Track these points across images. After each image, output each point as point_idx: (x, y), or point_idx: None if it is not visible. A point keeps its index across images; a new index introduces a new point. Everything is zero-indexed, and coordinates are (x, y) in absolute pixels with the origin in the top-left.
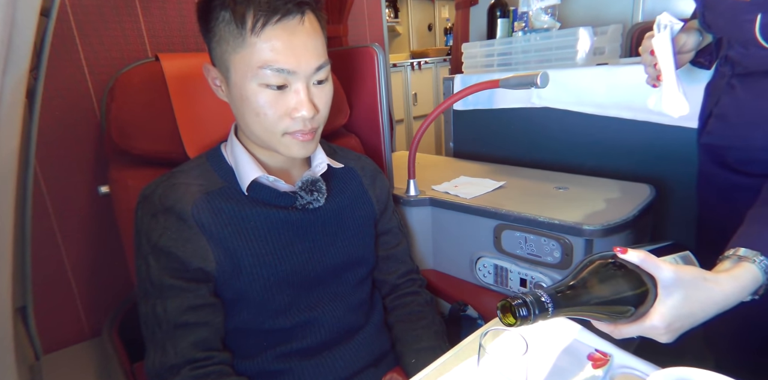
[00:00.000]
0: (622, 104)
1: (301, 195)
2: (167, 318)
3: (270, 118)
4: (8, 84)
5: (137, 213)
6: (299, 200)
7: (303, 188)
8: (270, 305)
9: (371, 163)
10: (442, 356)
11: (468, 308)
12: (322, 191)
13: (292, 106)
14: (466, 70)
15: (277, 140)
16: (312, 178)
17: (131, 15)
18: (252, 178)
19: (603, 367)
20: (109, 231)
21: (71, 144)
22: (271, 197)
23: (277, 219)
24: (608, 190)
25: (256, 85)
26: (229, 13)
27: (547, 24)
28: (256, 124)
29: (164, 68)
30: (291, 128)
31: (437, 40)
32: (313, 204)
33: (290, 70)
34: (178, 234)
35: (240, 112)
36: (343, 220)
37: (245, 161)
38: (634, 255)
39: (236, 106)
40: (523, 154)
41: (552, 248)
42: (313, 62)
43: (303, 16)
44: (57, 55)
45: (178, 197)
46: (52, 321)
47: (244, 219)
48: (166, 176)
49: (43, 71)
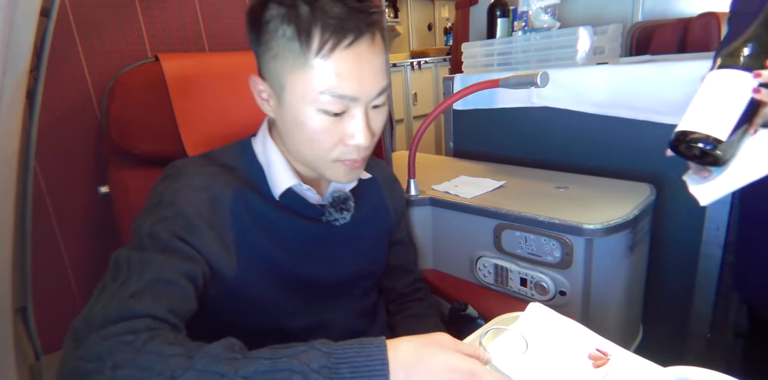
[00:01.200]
0: (623, 103)
1: (329, 211)
2: (156, 271)
3: (324, 144)
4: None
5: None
6: (326, 215)
7: (333, 205)
8: (279, 306)
9: (387, 169)
10: None
11: (468, 308)
12: (350, 209)
13: (349, 133)
14: (466, 70)
15: (325, 166)
16: (343, 195)
17: (131, 15)
18: (287, 186)
19: (603, 366)
20: (109, 231)
21: (71, 144)
22: (300, 206)
23: (302, 229)
24: (608, 190)
25: (314, 110)
26: (292, 30)
27: (547, 23)
28: (307, 149)
29: (164, 68)
30: (344, 156)
31: (437, 39)
32: (339, 221)
33: (353, 97)
34: (210, 213)
35: (291, 132)
36: (362, 234)
37: (280, 166)
38: None
39: (287, 126)
40: (524, 154)
41: (552, 248)
42: (376, 86)
43: (374, 37)
44: (57, 55)
45: (215, 181)
46: (53, 321)
47: (273, 221)
48: (201, 158)
49: (43, 71)
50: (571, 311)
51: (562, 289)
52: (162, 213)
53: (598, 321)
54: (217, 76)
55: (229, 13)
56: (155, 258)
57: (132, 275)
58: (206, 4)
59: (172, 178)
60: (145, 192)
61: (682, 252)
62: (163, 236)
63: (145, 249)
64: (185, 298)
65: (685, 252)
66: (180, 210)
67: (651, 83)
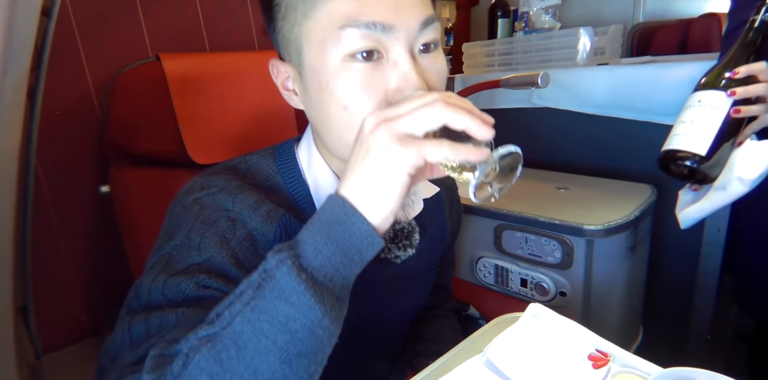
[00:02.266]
0: (623, 104)
1: (389, 247)
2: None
3: (362, 108)
4: (9, 83)
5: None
6: (386, 252)
7: (395, 241)
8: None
9: (451, 180)
10: (443, 356)
11: (469, 308)
12: (414, 245)
13: (393, 86)
14: (467, 70)
15: None
16: (408, 228)
17: (132, 15)
18: None
19: (603, 367)
20: (110, 231)
21: (72, 143)
22: None
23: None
24: (609, 190)
25: (339, 60)
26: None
27: (548, 24)
28: (342, 125)
29: (165, 68)
30: None
31: None
32: (401, 258)
33: (384, 24)
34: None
35: (319, 114)
36: (420, 266)
37: (330, 187)
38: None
39: (314, 107)
40: (524, 154)
41: (553, 248)
42: (418, 14)
43: None
44: (57, 54)
45: (257, 207)
46: (53, 320)
47: None
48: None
49: (43, 71)
50: (572, 312)
51: (562, 290)
52: (188, 260)
53: (599, 321)
54: (218, 75)
55: (229, 13)
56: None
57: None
58: (207, 4)
59: (198, 205)
60: (146, 192)
61: (682, 254)
62: (184, 288)
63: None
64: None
65: (685, 254)
66: (212, 256)
67: (652, 84)
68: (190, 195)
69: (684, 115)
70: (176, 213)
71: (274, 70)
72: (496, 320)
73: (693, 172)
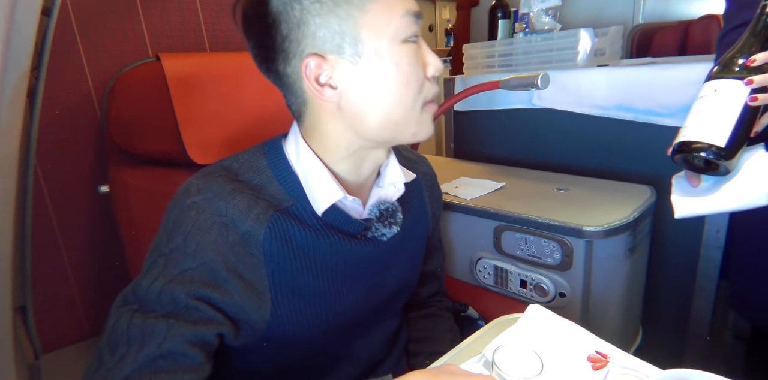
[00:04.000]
0: (623, 105)
1: (376, 226)
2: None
3: (416, 85)
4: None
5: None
6: (373, 231)
7: (381, 219)
8: (312, 346)
9: (430, 167)
10: (442, 357)
11: (469, 309)
12: (399, 223)
13: (428, 61)
14: (467, 71)
15: (417, 117)
16: (392, 208)
17: (132, 15)
18: (332, 201)
19: (603, 369)
20: (109, 231)
21: (71, 143)
22: (343, 224)
23: (347, 250)
24: (609, 191)
25: (401, 43)
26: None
27: (548, 25)
28: (399, 102)
29: (165, 68)
30: (431, 92)
31: (438, 40)
32: (387, 236)
33: (420, 14)
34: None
35: (375, 97)
36: (404, 246)
37: (323, 177)
38: None
39: (370, 91)
40: (524, 155)
41: (552, 249)
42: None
43: None
44: (57, 54)
45: (248, 211)
46: (52, 320)
47: (315, 250)
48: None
49: (43, 70)
50: (571, 313)
51: (561, 291)
52: (183, 265)
53: (598, 323)
54: (218, 75)
55: (230, 13)
56: (159, 327)
57: (130, 350)
58: (207, 4)
59: (195, 210)
60: (145, 192)
61: (681, 255)
62: (177, 297)
63: (149, 314)
64: (192, 370)
65: (684, 255)
66: (204, 261)
67: (651, 85)
68: (187, 198)
69: (698, 105)
70: (174, 215)
71: (311, 67)
72: (495, 321)
73: (707, 163)
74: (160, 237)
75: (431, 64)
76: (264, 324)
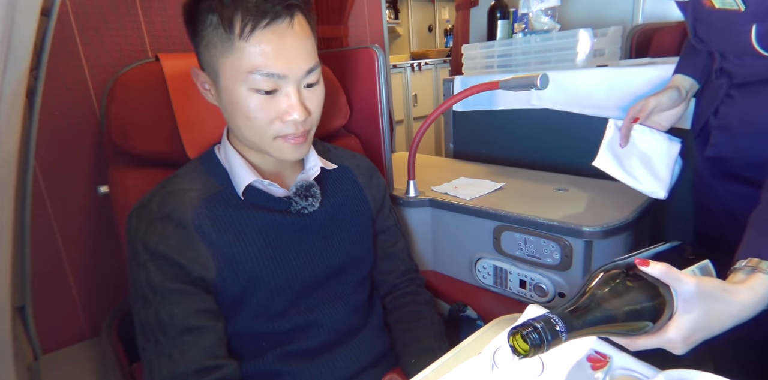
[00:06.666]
0: (622, 106)
1: (295, 200)
2: (173, 323)
3: (261, 121)
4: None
5: (131, 221)
6: (294, 205)
7: (297, 194)
8: (270, 308)
9: (366, 161)
10: (442, 357)
11: (467, 309)
12: (316, 196)
13: (284, 110)
14: (466, 72)
15: (268, 144)
16: (306, 183)
17: (131, 15)
18: (247, 183)
19: (602, 369)
20: (109, 231)
21: (71, 144)
22: (267, 201)
23: (274, 223)
24: (608, 192)
25: (246, 90)
26: (217, 17)
27: (547, 25)
28: (247, 129)
29: (164, 68)
30: (282, 132)
31: (437, 41)
32: (308, 209)
33: (280, 74)
34: (177, 241)
35: (231, 116)
36: (339, 221)
37: (239, 165)
38: (656, 268)
39: (226, 110)
40: (523, 156)
41: (552, 249)
42: (303, 65)
43: (292, 19)
44: (57, 54)
45: (177, 204)
46: (51, 320)
47: (242, 224)
48: (161, 184)
49: (43, 71)
50: None
51: (561, 291)
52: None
53: None
54: None
55: None
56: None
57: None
58: None
59: (135, 215)
60: (145, 192)
61: None
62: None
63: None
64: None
65: None
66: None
67: (651, 86)
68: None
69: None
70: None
71: (194, 75)
72: (494, 321)
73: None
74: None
75: (287, 113)
76: (220, 289)
